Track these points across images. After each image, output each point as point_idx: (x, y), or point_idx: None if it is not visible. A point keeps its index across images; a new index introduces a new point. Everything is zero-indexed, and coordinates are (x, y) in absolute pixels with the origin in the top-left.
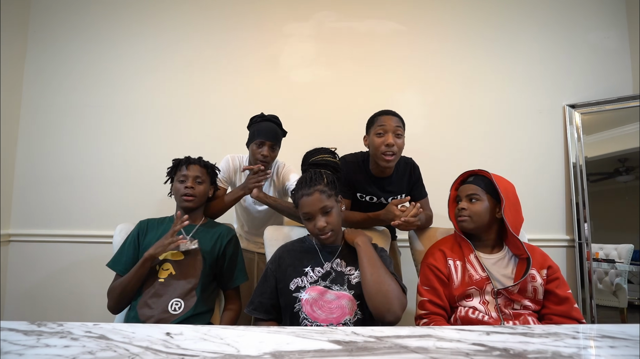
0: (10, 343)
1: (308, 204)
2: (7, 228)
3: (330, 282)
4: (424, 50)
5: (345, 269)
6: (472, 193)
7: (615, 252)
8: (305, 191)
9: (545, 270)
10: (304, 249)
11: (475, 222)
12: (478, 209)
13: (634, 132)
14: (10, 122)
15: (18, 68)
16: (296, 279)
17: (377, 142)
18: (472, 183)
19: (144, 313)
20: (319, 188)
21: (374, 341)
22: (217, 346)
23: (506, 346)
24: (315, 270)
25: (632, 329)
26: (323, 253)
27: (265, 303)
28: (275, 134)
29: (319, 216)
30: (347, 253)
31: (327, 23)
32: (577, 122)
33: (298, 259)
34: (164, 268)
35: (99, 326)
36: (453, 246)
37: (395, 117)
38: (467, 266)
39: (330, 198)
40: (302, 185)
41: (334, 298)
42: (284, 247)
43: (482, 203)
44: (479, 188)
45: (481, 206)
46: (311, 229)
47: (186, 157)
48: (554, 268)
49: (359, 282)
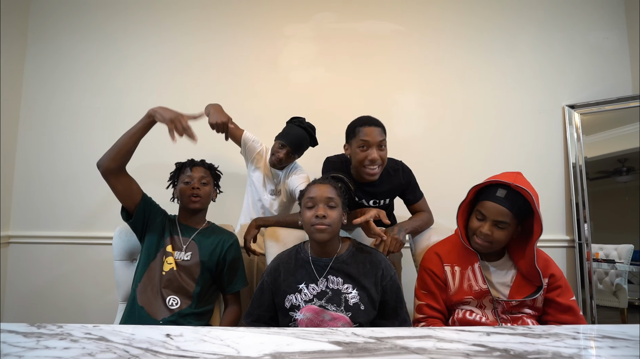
0: (10, 344)
1: (317, 190)
2: (6, 229)
3: (326, 301)
4: (423, 51)
5: (342, 287)
6: (501, 221)
7: (615, 252)
8: (319, 180)
9: (547, 278)
10: (298, 262)
11: (494, 248)
12: (502, 238)
13: (633, 132)
14: (10, 122)
15: (18, 70)
16: (290, 296)
17: (361, 156)
18: (505, 204)
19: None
20: (333, 184)
21: (374, 342)
22: (217, 347)
23: (506, 346)
24: (310, 287)
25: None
26: (316, 266)
27: (263, 316)
28: (299, 144)
29: (322, 205)
30: (342, 266)
31: (327, 24)
32: (576, 122)
33: (292, 274)
34: (167, 261)
35: (99, 328)
36: (452, 251)
37: (378, 127)
38: (467, 274)
39: (338, 198)
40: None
41: (330, 319)
42: (279, 258)
43: (507, 232)
44: (510, 214)
45: (505, 236)
46: (309, 217)
47: (190, 160)
48: (556, 276)
49: (356, 303)
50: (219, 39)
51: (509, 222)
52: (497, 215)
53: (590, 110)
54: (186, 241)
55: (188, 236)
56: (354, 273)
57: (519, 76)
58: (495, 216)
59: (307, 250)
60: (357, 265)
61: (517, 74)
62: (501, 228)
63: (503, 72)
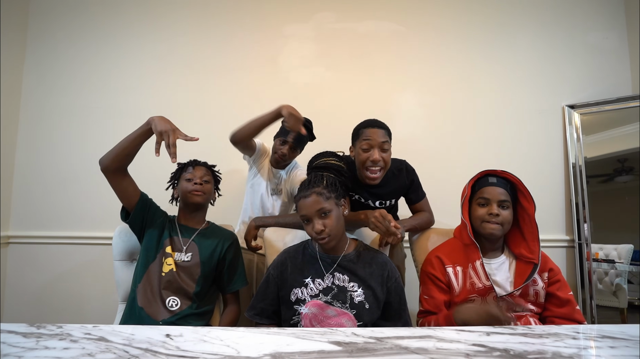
0: (10, 345)
1: (305, 206)
2: (6, 229)
3: (332, 298)
4: (423, 51)
5: (348, 284)
6: (504, 200)
7: (615, 252)
8: (303, 193)
9: (547, 272)
10: (305, 257)
11: (505, 230)
12: (509, 217)
13: (633, 132)
14: (10, 123)
15: (17, 70)
16: (296, 289)
17: (363, 156)
18: (499, 186)
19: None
20: (317, 190)
21: (374, 342)
22: (217, 347)
23: (506, 346)
24: (316, 282)
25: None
26: (324, 262)
27: (267, 309)
28: (299, 137)
29: (316, 219)
30: (349, 265)
31: (327, 24)
32: (576, 122)
33: (299, 268)
34: (167, 262)
35: (99, 328)
36: (452, 252)
37: (382, 129)
38: (470, 273)
39: (329, 201)
40: (301, 188)
41: (335, 315)
42: (286, 253)
43: (510, 211)
44: (508, 194)
45: (510, 214)
46: (309, 232)
47: (192, 160)
48: (555, 270)
49: (361, 301)
50: (218, 39)
51: (509, 201)
52: (499, 195)
53: (590, 110)
54: (186, 242)
55: (188, 237)
56: (360, 273)
57: (518, 76)
58: (498, 197)
59: (314, 246)
60: (363, 264)
61: (517, 74)
62: (505, 206)
63: (503, 72)
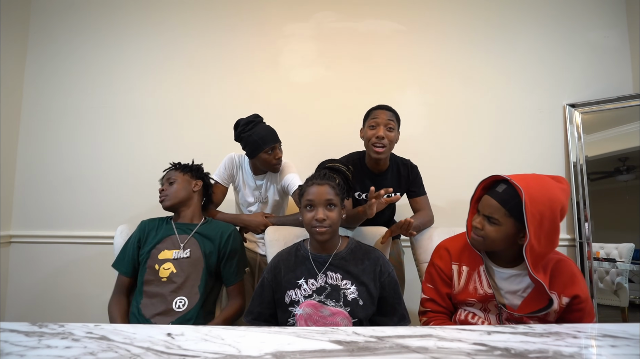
0: (12, 344)
1: (315, 192)
2: (7, 229)
3: (325, 297)
4: (424, 50)
5: (341, 283)
6: (491, 215)
7: (616, 251)
8: (317, 180)
9: (569, 298)
10: (298, 258)
11: (488, 246)
12: (493, 235)
13: (634, 131)
14: (11, 122)
15: (19, 69)
16: (290, 291)
17: (369, 134)
18: (498, 199)
19: (148, 311)
20: (330, 183)
21: (375, 341)
22: (219, 346)
23: (507, 345)
24: (309, 282)
25: (633, 328)
26: (316, 262)
27: (264, 313)
28: (275, 132)
29: (321, 208)
30: (341, 263)
31: (327, 23)
32: (577, 121)
33: (292, 270)
34: (164, 267)
35: (100, 327)
36: (463, 250)
37: (389, 111)
38: (474, 277)
39: (336, 197)
40: (315, 176)
41: (329, 314)
42: (279, 256)
43: (499, 229)
44: (502, 210)
45: (497, 233)
46: (309, 219)
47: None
48: (581, 297)
49: (355, 298)
50: (220, 39)
51: (499, 219)
52: (488, 208)
53: (590, 109)
54: (184, 239)
55: (187, 234)
56: (353, 270)
57: (519, 75)
58: (485, 210)
59: (306, 246)
60: (355, 261)
61: (517, 73)
62: (493, 223)
63: (504, 71)
